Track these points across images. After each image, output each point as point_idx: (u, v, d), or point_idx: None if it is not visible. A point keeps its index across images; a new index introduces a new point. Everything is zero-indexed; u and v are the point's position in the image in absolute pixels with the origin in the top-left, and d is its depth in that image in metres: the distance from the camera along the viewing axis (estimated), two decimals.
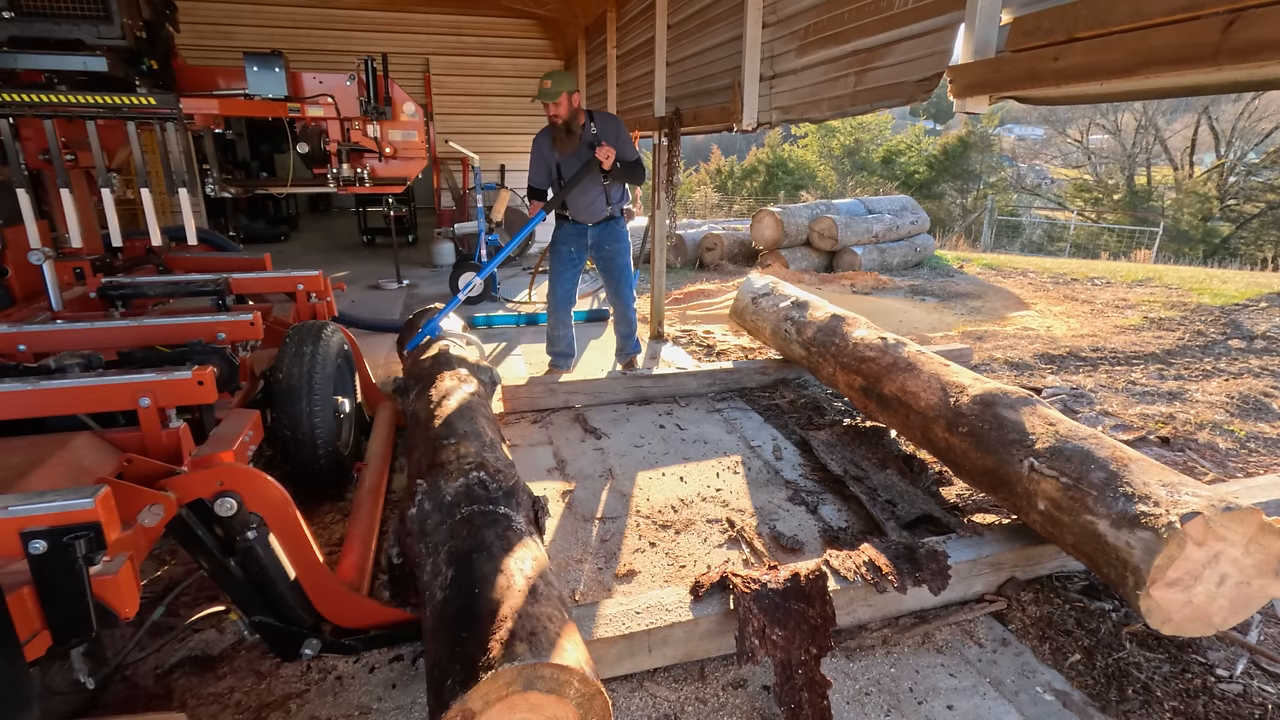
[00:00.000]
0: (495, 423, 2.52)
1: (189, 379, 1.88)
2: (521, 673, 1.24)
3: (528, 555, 1.62)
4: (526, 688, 1.25)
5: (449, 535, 1.70)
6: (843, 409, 3.86)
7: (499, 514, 1.77)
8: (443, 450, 2.07)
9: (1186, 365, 4.81)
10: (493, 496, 1.84)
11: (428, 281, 7.50)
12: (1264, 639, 2.14)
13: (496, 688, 1.24)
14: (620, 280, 4.21)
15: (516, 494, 1.90)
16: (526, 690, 1.25)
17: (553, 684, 1.27)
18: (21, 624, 1.23)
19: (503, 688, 1.24)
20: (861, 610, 2.14)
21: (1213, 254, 17.09)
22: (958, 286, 8.29)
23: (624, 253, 4.16)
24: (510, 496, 1.87)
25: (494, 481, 1.88)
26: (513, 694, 1.25)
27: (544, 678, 1.26)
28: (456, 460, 1.97)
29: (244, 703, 1.84)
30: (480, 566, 1.54)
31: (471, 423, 2.29)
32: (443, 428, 2.27)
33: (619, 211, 4.09)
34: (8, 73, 2.62)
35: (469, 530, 1.69)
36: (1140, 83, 1.82)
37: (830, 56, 3.16)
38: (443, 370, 2.80)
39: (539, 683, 1.26)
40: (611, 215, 4.06)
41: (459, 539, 1.67)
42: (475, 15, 8.81)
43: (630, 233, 4.40)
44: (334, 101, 3.35)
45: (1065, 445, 2.20)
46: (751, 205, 19.69)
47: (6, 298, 3.02)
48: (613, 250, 4.13)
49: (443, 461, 1.99)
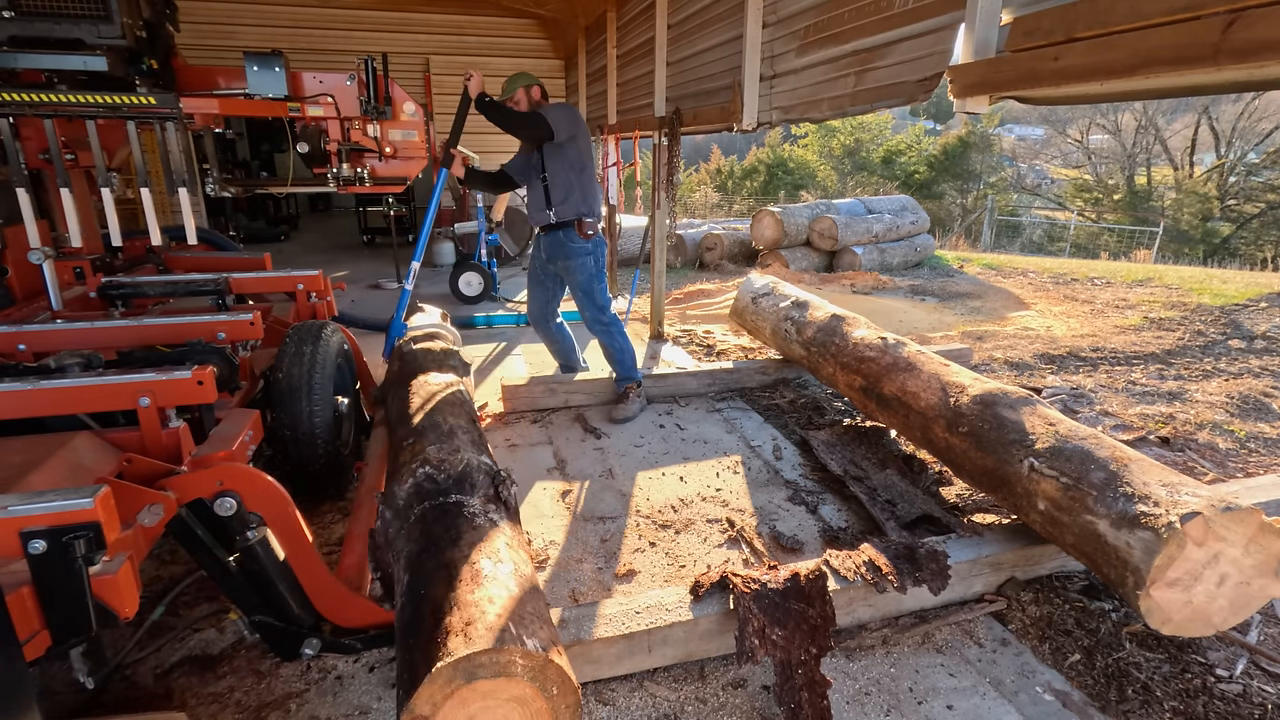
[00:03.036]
0: (461, 406, 2.42)
1: (189, 379, 1.88)
2: (458, 667, 1.21)
3: (476, 540, 1.57)
4: (469, 679, 1.22)
5: (406, 540, 1.69)
6: (843, 409, 3.86)
7: (449, 504, 1.73)
8: (400, 454, 2.05)
9: (1186, 365, 4.81)
10: (442, 488, 1.80)
11: (428, 281, 7.50)
12: (1264, 639, 2.14)
13: (437, 689, 1.21)
14: (581, 302, 3.69)
15: (468, 477, 1.84)
16: (471, 682, 1.23)
17: (495, 669, 1.24)
18: (21, 624, 1.23)
19: (443, 687, 1.21)
20: (861, 610, 2.14)
21: (1213, 254, 17.09)
22: (958, 286, 8.29)
23: (579, 270, 3.58)
24: (461, 482, 1.82)
25: (440, 472, 1.83)
26: (457, 689, 1.22)
27: (484, 665, 1.23)
28: (408, 461, 1.94)
29: (244, 702, 1.84)
30: (426, 566, 1.52)
31: (430, 416, 2.24)
32: (401, 431, 2.26)
33: (570, 219, 3.52)
34: (8, 72, 2.62)
35: (421, 530, 1.67)
36: (1140, 83, 1.81)
37: (830, 56, 3.16)
38: (407, 371, 2.77)
39: (480, 671, 1.23)
40: (557, 223, 3.54)
41: (413, 541, 1.65)
42: (476, 15, 8.81)
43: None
44: (334, 101, 3.34)
45: (1065, 445, 2.20)
46: (751, 205, 19.69)
47: (6, 297, 3.01)
48: (563, 267, 3.64)
49: (399, 465, 1.98)
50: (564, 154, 3.49)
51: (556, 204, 3.53)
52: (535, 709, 1.28)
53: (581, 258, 3.58)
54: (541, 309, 3.90)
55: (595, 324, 3.73)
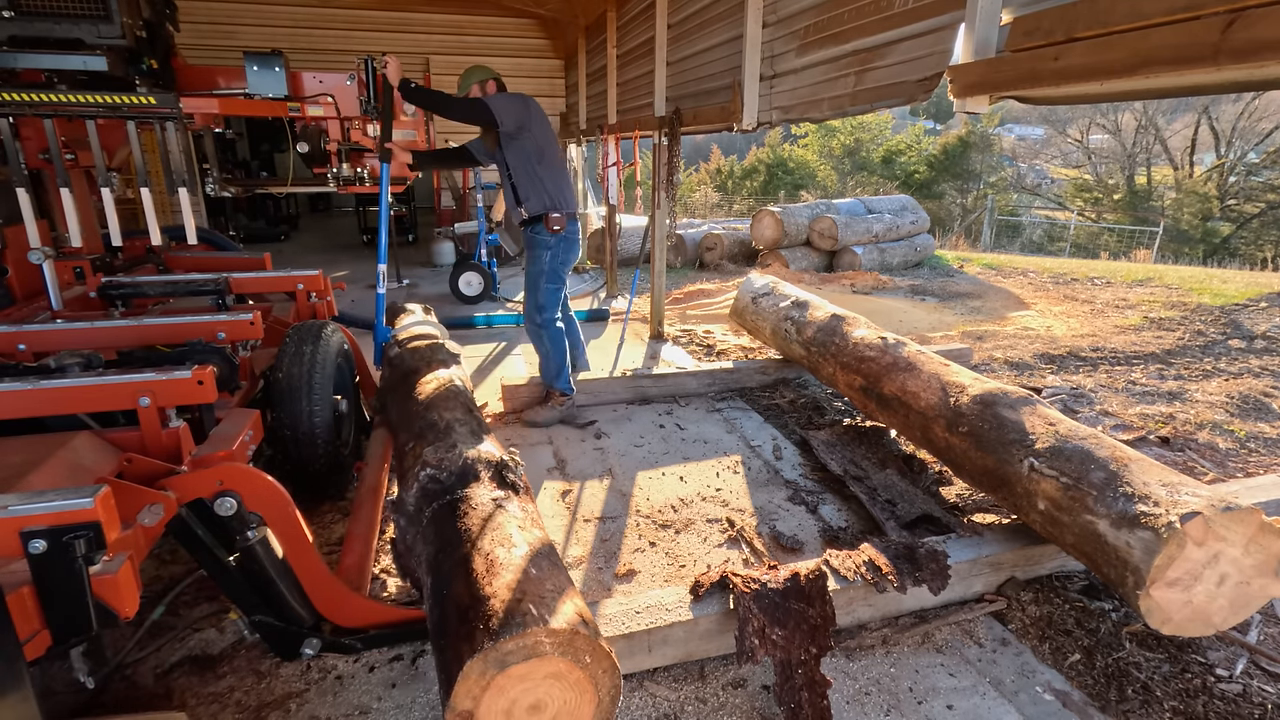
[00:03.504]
0: (456, 399, 2.38)
1: (189, 378, 1.88)
2: (488, 659, 1.24)
3: (487, 531, 1.59)
4: (502, 668, 1.25)
5: (423, 543, 1.71)
6: (843, 409, 3.87)
7: (456, 500, 1.73)
8: (404, 459, 2.06)
9: (1186, 365, 4.81)
10: (446, 486, 1.80)
11: (428, 281, 7.50)
12: (1264, 639, 2.14)
13: (473, 683, 1.24)
14: (526, 293, 3.67)
15: (469, 471, 1.84)
16: (504, 670, 1.25)
17: (524, 652, 1.26)
18: (21, 624, 1.23)
19: (479, 680, 1.24)
20: (861, 610, 2.14)
21: (1213, 254, 17.09)
22: (958, 286, 8.29)
23: (534, 261, 3.57)
24: (464, 477, 1.82)
25: (441, 472, 1.84)
26: (492, 680, 1.25)
27: (512, 652, 1.25)
28: (412, 465, 1.95)
29: (244, 702, 1.84)
30: (444, 566, 1.54)
31: (425, 416, 2.24)
32: (403, 436, 2.26)
33: (539, 213, 3.49)
34: (8, 72, 2.62)
35: (434, 531, 1.68)
36: (1140, 83, 1.81)
37: (830, 56, 3.16)
38: (397, 375, 2.77)
39: (510, 658, 1.25)
40: (529, 218, 3.53)
41: (429, 544, 1.67)
42: (476, 15, 8.81)
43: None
44: (334, 101, 3.34)
45: (1065, 445, 2.20)
46: (751, 205, 19.69)
47: (6, 297, 3.01)
48: (527, 257, 3.64)
49: (405, 471, 1.99)
50: (521, 146, 3.41)
51: (524, 200, 3.49)
52: (573, 680, 1.31)
53: (540, 250, 3.54)
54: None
55: (528, 320, 3.66)
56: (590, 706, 1.34)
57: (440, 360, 2.80)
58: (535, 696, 1.30)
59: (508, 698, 1.28)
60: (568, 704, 1.32)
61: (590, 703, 1.34)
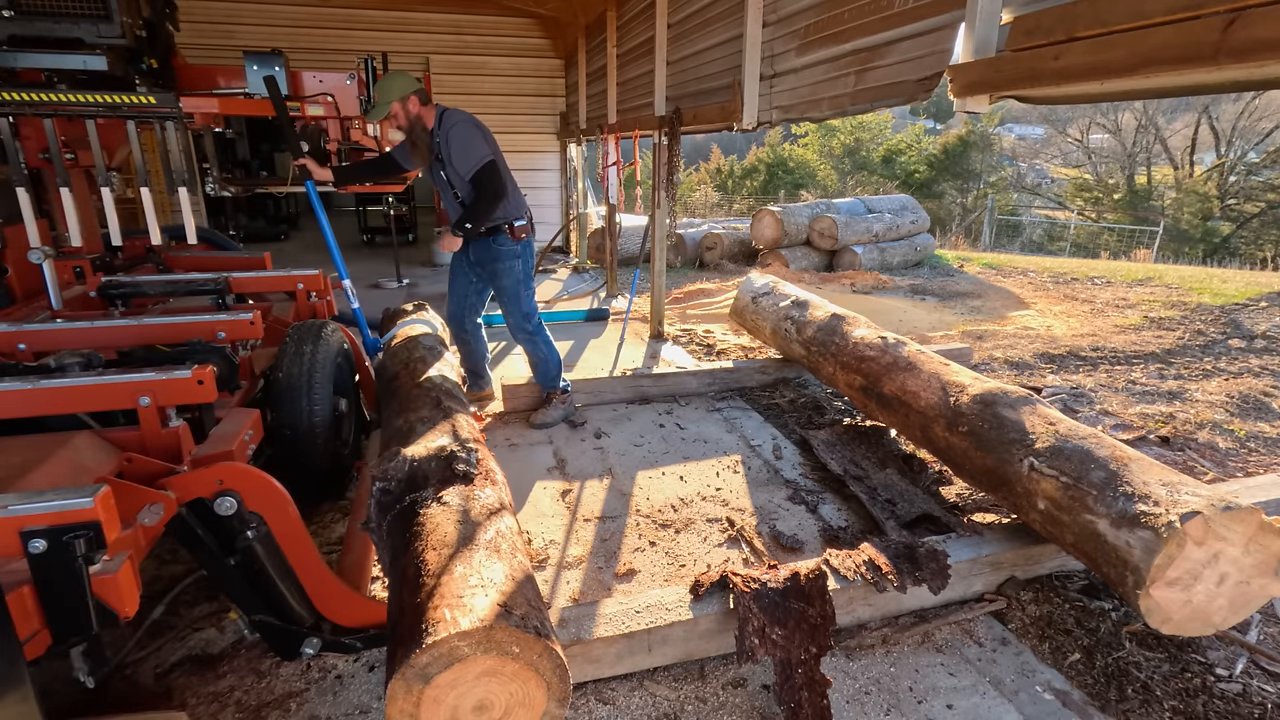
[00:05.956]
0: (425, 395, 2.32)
1: (189, 378, 1.88)
2: (407, 676, 1.22)
3: (423, 535, 1.57)
4: (426, 681, 1.23)
5: (387, 557, 1.73)
6: (843, 408, 3.87)
7: (405, 508, 1.74)
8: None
9: (1186, 365, 4.81)
10: (396, 495, 1.80)
11: (427, 281, 7.50)
12: (1263, 638, 2.14)
13: (401, 703, 1.23)
14: (507, 307, 3.52)
15: (417, 474, 1.83)
16: (428, 682, 1.23)
17: (443, 661, 1.24)
18: (21, 623, 1.23)
19: (406, 697, 1.23)
20: (861, 609, 2.14)
21: (1213, 253, 17.08)
22: (958, 286, 8.29)
23: (506, 275, 3.43)
24: (411, 482, 1.81)
25: (390, 482, 1.83)
26: (421, 694, 1.24)
27: (429, 663, 1.23)
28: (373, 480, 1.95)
29: (244, 701, 1.84)
30: (392, 580, 1.55)
31: (391, 424, 2.23)
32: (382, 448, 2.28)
33: (500, 224, 3.34)
34: (8, 71, 2.62)
35: (390, 544, 1.70)
36: (1140, 82, 1.81)
37: (830, 56, 3.15)
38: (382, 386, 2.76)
39: (430, 669, 1.23)
40: (486, 230, 3.35)
41: (386, 557, 1.69)
42: (476, 14, 8.80)
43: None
44: (334, 100, 3.35)
45: (1065, 445, 2.20)
46: (751, 204, 19.68)
47: (6, 296, 3.01)
48: (491, 271, 3.45)
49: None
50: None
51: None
52: (511, 672, 1.29)
53: (510, 260, 3.41)
54: (460, 305, 3.63)
55: (519, 331, 3.57)
56: (540, 692, 1.31)
57: (418, 358, 2.78)
58: (476, 698, 1.27)
59: (446, 706, 1.26)
60: (515, 695, 1.30)
61: (539, 688, 1.31)
